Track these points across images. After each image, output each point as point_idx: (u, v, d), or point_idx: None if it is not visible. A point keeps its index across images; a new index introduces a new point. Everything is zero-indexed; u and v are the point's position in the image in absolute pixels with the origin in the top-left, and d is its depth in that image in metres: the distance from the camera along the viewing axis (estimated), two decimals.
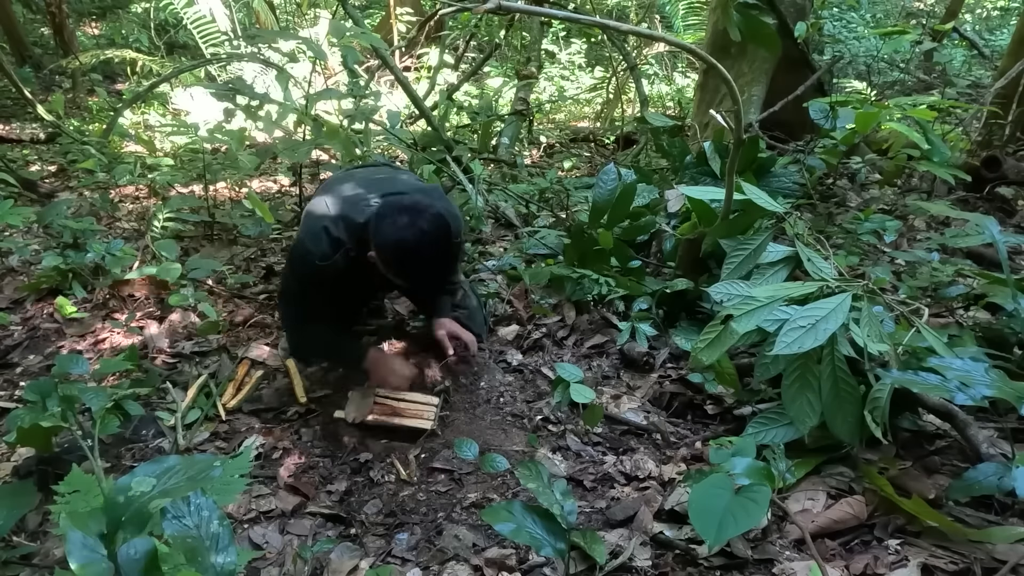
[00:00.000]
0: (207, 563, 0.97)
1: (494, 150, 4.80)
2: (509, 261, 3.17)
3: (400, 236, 1.88)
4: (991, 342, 2.06)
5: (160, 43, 8.05)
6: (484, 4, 1.44)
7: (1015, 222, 3.58)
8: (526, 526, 1.43)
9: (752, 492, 1.29)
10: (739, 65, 3.95)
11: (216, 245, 3.56)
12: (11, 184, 3.64)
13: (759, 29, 2.68)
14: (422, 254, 1.90)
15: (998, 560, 1.44)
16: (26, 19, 9.42)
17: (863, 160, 3.86)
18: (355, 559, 1.65)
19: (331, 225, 2.05)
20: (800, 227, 2.20)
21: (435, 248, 1.92)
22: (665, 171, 3.76)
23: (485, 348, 2.52)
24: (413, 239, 1.88)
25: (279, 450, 2.08)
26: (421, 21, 6.95)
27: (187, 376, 2.40)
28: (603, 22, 1.80)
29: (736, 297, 1.88)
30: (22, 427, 1.75)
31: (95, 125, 6.02)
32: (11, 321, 2.74)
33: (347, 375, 2.32)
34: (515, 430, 2.13)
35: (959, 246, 2.90)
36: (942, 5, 8.90)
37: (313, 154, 3.46)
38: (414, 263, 1.93)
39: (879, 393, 1.69)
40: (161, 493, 1.00)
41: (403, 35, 7.97)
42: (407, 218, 1.89)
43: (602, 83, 7.52)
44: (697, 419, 2.20)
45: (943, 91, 5.05)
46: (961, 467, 1.73)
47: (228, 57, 6.52)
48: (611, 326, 2.62)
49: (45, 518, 1.76)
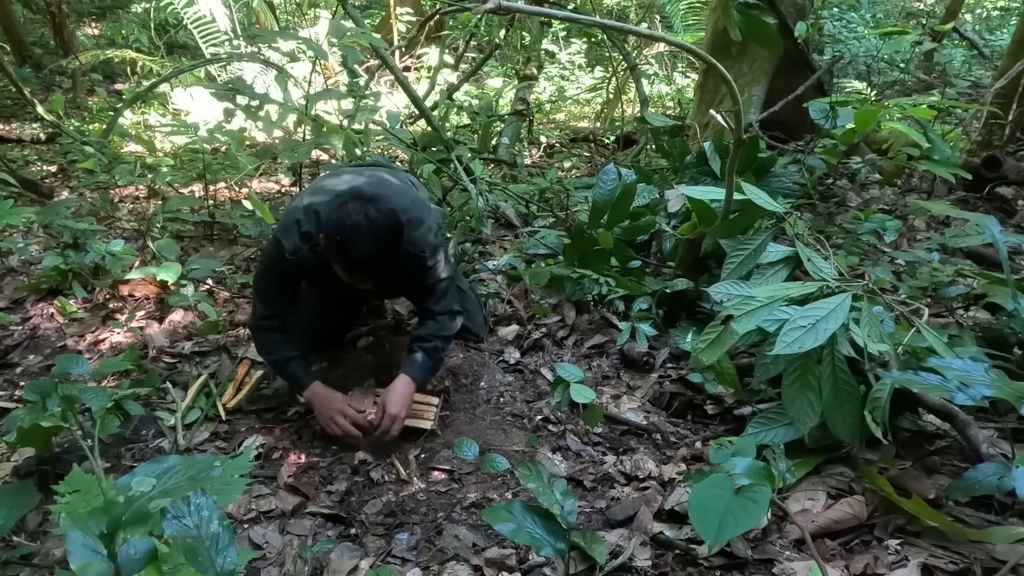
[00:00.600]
0: (207, 563, 0.97)
1: (494, 150, 4.80)
2: (509, 261, 3.17)
3: (342, 218, 1.83)
4: (991, 342, 2.06)
5: (160, 43, 8.05)
6: (484, 4, 1.44)
7: (1015, 222, 3.58)
8: (526, 526, 1.43)
9: (752, 492, 1.29)
10: (739, 65, 3.95)
11: (216, 245, 3.57)
12: (11, 184, 3.64)
13: (760, 28, 2.68)
14: (359, 242, 1.82)
15: (998, 560, 1.44)
16: (26, 19, 9.42)
17: (863, 160, 3.86)
18: (355, 559, 1.65)
19: (303, 218, 2.00)
20: (800, 227, 2.20)
21: (376, 239, 1.84)
22: (665, 171, 3.77)
23: (485, 348, 2.52)
24: (353, 223, 1.82)
25: (279, 450, 2.08)
26: (421, 21, 6.95)
27: (187, 376, 2.40)
28: (603, 22, 1.80)
29: (736, 297, 1.88)
30: (22, 427, 1.75)
31: (95, 125, 6.02)
32: (11, 321, 2.74)
33: (347, 375, 2.32)
34: (515, 430, 2.13)
35: (959, 246, 2.90)
36: (942, 5, 8.91)
37: (313, 154, 3.46)
38: (347, 249, 1.84)
39: (879, 393, 1.69)
40: (161, 493, 1.00)
41: (403, 35, 7.97)
42: (358, 203, 1.85)
43: (602, 83, 7.52)
44: (697, 419, 2.20)
45: (943, 91, 5.04)
46: (961, 467, 1.73)
47: (228, 57, 6.52)
48: (611, 326, 2.62)
49: (45, 518, 1.76)
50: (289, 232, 2.00)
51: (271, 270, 2.11)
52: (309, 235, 1.99)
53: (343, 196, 1.93)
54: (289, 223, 2.02)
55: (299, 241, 1.99)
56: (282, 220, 2.08)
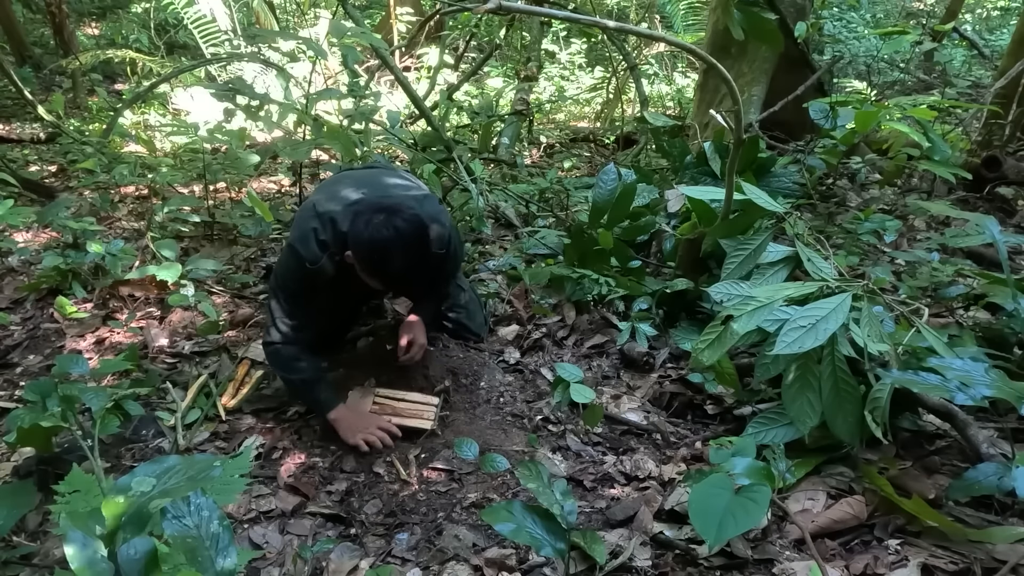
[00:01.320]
0: (207, 563, 0.97)
1: (494, 150, 4.80)
2: (509, 261, 3.17)
3: (373, 234, 1.84)
4: (991, 342, 2.06)
5: (160, 43, 8.05)
6: (484, 4, 1.44)
7: (1015, 222, 3.58)
8: (526, 526, 1.43)
9: (752, 492, 1.29)
10: (739, 65, 3.95)
11: (216, 245, 3.57)
12: (11, 184, 3.64)
13: (761, 26, 2.67)
14: (393, 253, 1.84)
15: (998, 560, 1.44)
16: (26, 19, 9.42)
17: (863, 160, 3.86)
18: (355, 559, 1.65)
19: (319, 227, 1.99)
20: (800, 227, 2.20)
21: (408, 249, 1.85)
22: (665, 171, 3.77)
23: (485, 348, 2.52)
24: (385, 238, 1.83)
25: (279, 450, 2.08)
26: (421, 21, 6.94)
27: (187, 376, 2.40)
28: (603, 22, 1.80)
29: (736, 297, 1.88)
30: (22, 427, 1.75)
31: (95, 125, 6.02)
32: (11, 321, 2.74)
33: (347, 375, 2.32)
34: (515, 430, 2.13)
35: (959, 246, 2.90)
36: (942, 5, 8.90)
37: (313, 154, 3.46)
38: (385, 263, 1.86)
39: (879, 393, 1.69)
40: (161, 493, 1.00)
41: (403, 35, 7.97)
42: (383, 216, 1.85)
43: (602, 83, 7.52)
44: (697, 419, 2.20)
45: (943, 91, 5.04)
46: (961, 467, 1.73)
47: (228, 57, 6.51)
48: (611, 326, 2.62)
49: (45, 518, 1.76)
50: (306, 241, 1.98)
51: (294, 283, 2.05)
52: (326, 244, 1.98)
53: (361, 208, 1.92)
54: (305, 231, 2.00)
55: (318, 250, 1.97)
56: (295, 230, 2.06)
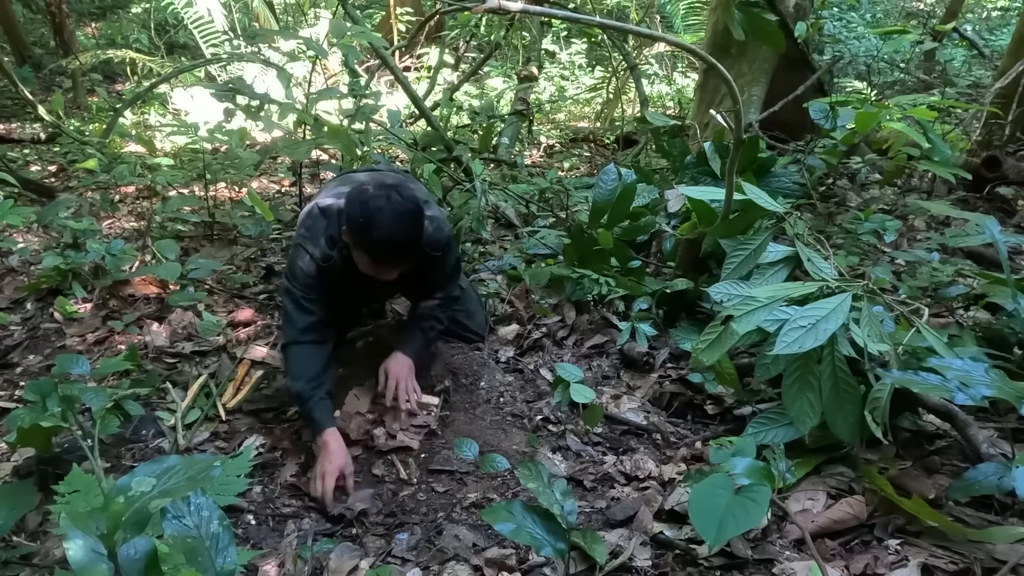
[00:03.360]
0: (207, 563, 0.97)
1: (494, 150, 4.80)
2: (509, 261, 3.17)
3: (365, 199, 1.85)
4: (991, 342, 2.06)
5: (160, 43, 8.04)
6: (484, 4, 1.44)
7: (1015, 222, 3.58)
8: (526, 526, 1.43)
9: (752, 492, 1.29)
10: (739, 65, 3.94)
11: (216, 245, 3.56)
12: (11, 184, 3.64)
13: (761, 25, 2.66)
14: (381, 220, 1.82)
15: (998, 560, 1.44)
16: (26, 19, 9.41)
17: (863, 160, 3.86)
18: (355, 559, 1.65)
19: (325, 222, 2.02)
20: (800, 227, 2.20)
21: (397, 218, 1.83)
22: (665, 171, 3.76)
23: (484, 348, 2.52)
24: (377, 205, 1.83)
25: (279, 450, 2.08)
26: (421, 21, 6.93)
27: (187, 376, 2.40)
28: (603, 22, 1.80)
29: (736, 297, 1.88)
30: (22, 427, 1.75)
31: (95, 125, 6.01)
32: (11, 321, 2.74)
33: (347, 375, 2.32)
34: (515, 430, 2.13)
35: (959, 246, 2.90)
36: (942, 5, 8.90)
37: (313, 154, 3.46)
38: (371, 228, 1.83)
39: (879, 393, 1.69)
40: (161, 493, 1.00)
41: (403, 35, 7.97)
42: (380, 190, 1.86)
43: (602, 83, 7.51)
44: (697, 419, 2.20)
45: (943, 91, 5.04)
46: (961, 467, 1.73)
47: (228, 57, 6.51)
48: (611, 326, 2.62)
49: (45, 518, 1.76)
50: (315, 237, 2.01)
51: (304, 277, 2.03)
52: (334, 238, 2.01)
53: (364, 185, 1.93)
54: (313, 229, 2.02)
55: (327, 246, 2.01)
56: (301, 230, 2.07)
